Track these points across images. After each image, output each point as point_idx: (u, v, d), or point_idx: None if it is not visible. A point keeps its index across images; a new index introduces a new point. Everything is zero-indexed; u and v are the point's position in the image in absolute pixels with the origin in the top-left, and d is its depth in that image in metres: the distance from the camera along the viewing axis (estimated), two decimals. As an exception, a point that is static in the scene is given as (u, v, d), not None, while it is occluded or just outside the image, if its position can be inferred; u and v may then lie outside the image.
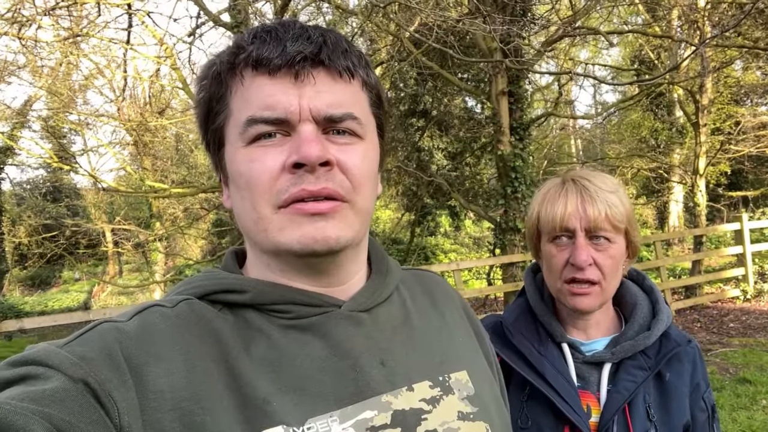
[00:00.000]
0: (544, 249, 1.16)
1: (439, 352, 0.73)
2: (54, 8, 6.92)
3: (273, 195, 0.61)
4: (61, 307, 17.14)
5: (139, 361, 0.55)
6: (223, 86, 0.65)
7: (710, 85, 10.24)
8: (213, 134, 0.68)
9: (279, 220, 0.62)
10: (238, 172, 0.64)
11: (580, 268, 1.07)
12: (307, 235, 0.62)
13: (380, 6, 5.64)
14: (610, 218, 1.07)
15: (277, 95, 0.61)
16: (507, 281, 7.70)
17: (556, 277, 1.12)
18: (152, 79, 10.01)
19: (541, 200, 1.16)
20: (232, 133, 0.65)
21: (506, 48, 5.94)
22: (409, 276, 0.83)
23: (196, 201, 13.97)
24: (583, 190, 1.10)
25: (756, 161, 14.13)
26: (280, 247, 0.63)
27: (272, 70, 0.62)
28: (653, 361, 1.10)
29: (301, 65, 0.61)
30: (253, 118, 0.62)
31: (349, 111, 0.64)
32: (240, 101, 0.63)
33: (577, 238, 1.08)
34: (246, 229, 0.67)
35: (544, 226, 1.14)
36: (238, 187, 0.64)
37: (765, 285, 8.52)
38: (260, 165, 0.62)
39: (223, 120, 0.66)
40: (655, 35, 10.59)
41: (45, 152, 9.54)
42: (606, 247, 1.08)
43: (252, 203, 0.63)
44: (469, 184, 13.26)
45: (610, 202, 1.08)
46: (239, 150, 0.63)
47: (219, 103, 0.66)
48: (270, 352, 0.62)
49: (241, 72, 0.63)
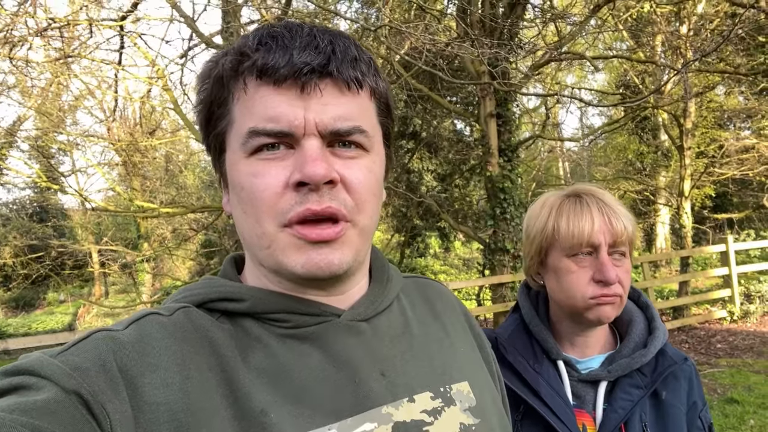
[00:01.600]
0: (558, 264, 1.12)
1: (440, 363, 0.71)
2: (46, 29, 6.94)
3: (277, 213, 0.60)
4: (45, 329, 16.82)
5: (134, 372, 0.54)
6: (225, 91, 0.63)
7: (694, 110, 10.44)
8: (214, 138, 0.66)
9: (283, 239, 0.61)
10: (239, 185, 0.62)
11: (608, 284, 1.06)
12: (311, 262, 0.61)
13: (371, 30, 5.73)
14: (629, 233, 1.08)
15: (281, 107, 0.59)
16: (497, 302, 7.70)
17: (576, 293, 1.09)
18: (143, 100, 10.02)
19: (556, 215, 1.12)
20: (234, 142, 0.63)
21: (494, 71, 6.04)
22: (411, 284, 0.82)
23: (185, 221, 13.87)
24: (604, 205, 1.09)
25: (740, 184, 14.35)
26: (283, 268, 0.62)
27: (277, 81, 0.59)
28: (649, 380, 1.09)
29: (308, 77, 0.59)
30: (256, 130, 0.60)
31: (356, 124, 0.62)
32: (242, 110, 0.61)
33: (601, 253, 1.07)
34: (248, 242, 0.65)
35: (563, 241, 1.10)
36: (240, 200, 0.63)
37: (751, 306, 8.58)
38: (263, 181, 0.60)
39: (225, 126, 0.64)
40: (639, 60, 10.81)
41: (33, 172, 9.47)
42: (623, 262, 1.09)
43: (255, 218, 0.61)
44: (459, 205, 13.33)
45: (628, 217, 1.09)
46: (241, 160, 0.62)
47: (221, 107, 0.64)
48: (268, 362, 0.61)
49: (244, 79, 0.61)
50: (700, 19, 9.95)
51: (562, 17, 7.52)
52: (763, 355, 6.78)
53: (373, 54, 9.24)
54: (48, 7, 6.90)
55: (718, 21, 10.02)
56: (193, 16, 7.10)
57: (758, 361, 6.58)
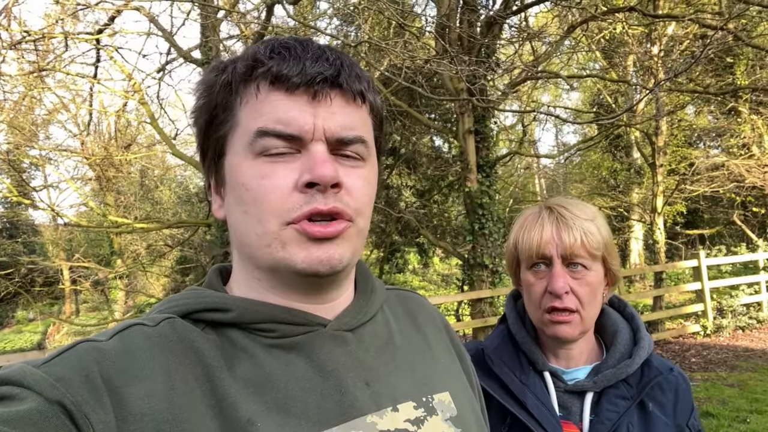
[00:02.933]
0: (523, 277, 1.16)
1: (423, 373, 0.72)
2: (20, 42, 6.83)
3: (282, 212, 0.61)
4: (14, 348, 16.32)
5: (118, 383, 0.54)
6: (233, 96, 0.64)
7: (665, 128, 10.70)
8: (214, 142, 0.66)
9: (285, 235, 0.61)
10: (244, 186, 0.62)
11: (557, 295, 1.07)
12: (313, 256, 0.62)
13: (351, 45, 5.77)
14: (586, 245, 1.08)
15: (292, 112, 0.61)
16: (475, 317, 7.71)
17: (536, 305, 1.12)
18: (119, 114, 9.90)
19: (518, 228, 1.16)
20: (238, 143, 0.63)
21: (472, 88, 6.13)
22: (393, 296, 0.83)
23: (160, 237, 13.67)
24: (560, 217, 1.10)
25: (710, 201, 14.71)
26: (283, 263, 0.62)
27: (290, 88, 0.61)
28: (635, 390, 1.09)
29: (321, 86, 0.62)
30: (265, 130, 0.61)
31: (359, 134, 0.65)
32: (251, 112, 0.63)
33: (553, 265, 1.09)
34: (244, 242, 0.65)
35: (522, 254, 1.14)
36: (242, 201, 0.63)
37: (723, 320, 8.75)
38: (271, 182, 0.61)
39: (228, 129, 0.65)
40: (612, 80, 11.09)
41: (4, 187, 9.25)
42: (583, 275, 1.09)
43: (257, 218, 0.62)
44: (437, 221, 13.39)
45: (586, 229, 1.08)
46: (245, 161, 0.62)
47: (225, 111, 0.64)
48: (254, 372, 0.61)
49: (258, 85, 0.63)
50: (670, 40, 10.27)
51: (538, 37, 7.68)
52: (736, 369, 6.90)
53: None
54: (22, 20, 6.80)
55: (688, 42, 10.35)
56: (172, 30, 7.07)
57: (731, 374, 6.69)
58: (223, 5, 7.23)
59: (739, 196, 12.80)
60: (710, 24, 6.15)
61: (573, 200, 1.17)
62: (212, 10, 6.02)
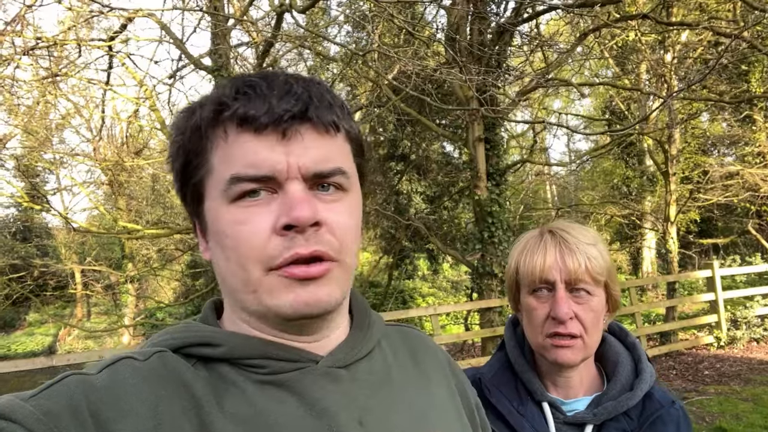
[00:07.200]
0: (524, 301, 1.13)
1: (419, 411, 0.70)
2: (33, 48, 6.91)
3: (264, 259, 0.60)
4: (25, 350, 16.48)
5: (105, 417, 0.53)
6: (204, 140, 0.63)
7: (678, 136, 10.59)
8: (192, 188, 0.65)
9: (269, 282, 0.60)
10: (223, 233, 0.62)
11: (561, 321, 1.05)
12: (300, 300, 0.60)
13: (360, 54, 5.76)
14: (590, 270, 1.05)
15: (263, 153, 0.60)
16: (484, 326, 7.66)
17: (537, 330, 1.10)
18: (130, 120, 9.99)
19: (519, 252, 1.14)
20: (214, 190, 0.62)
21: (482, 97, 6.09)
22: (393, 332, 0.81)
23: (171, 242, 13.75)
24: (563, 241, 1.08)
25: (725, 210, 14.51)
26: (271, 311, 0.62)
27: (258, 128, 0.60)
28: (636, 423, 1.07)
29: (289, 123, 0.60)
30: (238, 176, 0.60)
31: (337, 166, 0.63)
32: (222, 158, 0.61)
33: (557, 290, 1.06)
34: (231, 288, 0.64)
35: (523, 278, 1.12)
36: (223, 247, 0.62)
37: (738, 332, 8.60)
38: (248, 228, 0.60)
39: (203, 175, 0.64)
40: (624, 87, 11.00)
41: (17, 191, 9.36)
42: (586, 300, 1.07)
43: (239, 265, 0.61)
44: (447, 228, 13.36)
45: (590, 254, 1.06)
46: (222, 208, 0.62)
47: (198, 157, 0.63)
48: (244, 409, 0.59)
49: (225, 128, 0.61)
50: (684, 47, 10.16)
51: (549, 45, 7.64)
52: (750, 383, 6.78)
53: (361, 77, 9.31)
54: (37, 26, 6.89)
55: (701, 49, 10.23)
56: (182, 37, 7.12)
57: (746, 388, 6.56)
58: (234, 12, 7.27)
59: (754, 206, 12.60)
60: (724, 32, 6.06)
61: (573, 224, 1.15)
62: (222, 18, 6.05)
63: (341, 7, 10.51)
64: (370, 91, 9.68)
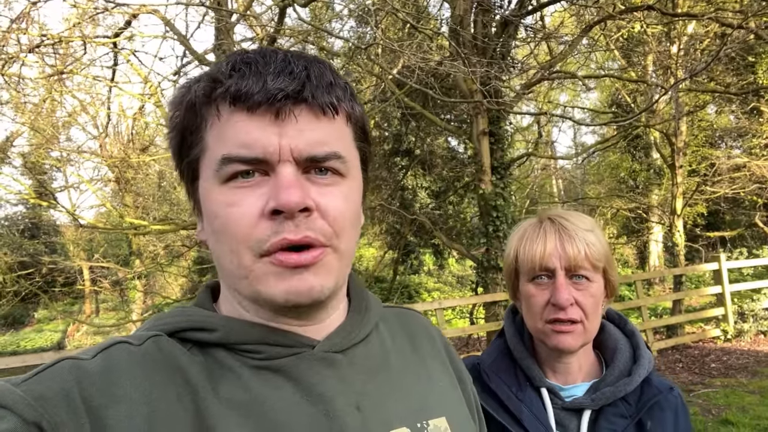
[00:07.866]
0: (523, 289, 1.14)
1: (418, 397, 0.69)
2: (39, 46, 6.95)
3: (253, 243, 0.58)
4: (34, 347, 16.60)
5: (98, 403, 0.52)
6: (198, 118, 0.61)
7: (685, 128, 10.52)
8: (188, 166, 0.64)
9: (260, 269, 0.59)
10: (213, 214, 0.60)
11: (561, 307, 1.06)
12: (291, 289, 0.59)
13: (363, 48, 5.76)
14: (589, 257, 1.06)
15: (255, 133, 0.58)
16: (490, 320, 7.65)
17: (537, 317, 1.10)
18: (136, 117, 10.02)
19: (518, 240, 1.15)
20: (207, 169, 0.61)
21: (486, 89, 6.07)
22: (391, 315, 0.80)
23: (177, 238, 13.79)
24: (562, 228, 1.09)
25: (732, 202, 14.42)
26: (262, 298, 0.61)
27: (251, 107, 0.58)
28: (634, 409, 1.07)
29: (283, 103, 0.58)
30: (229, 157, 0.58)
31: (333, 150, 0.61)
32: (216, 136, 0.60)
33: (557, 277, 1.07)
34: (225, 271, 0.63)
35: (522, 266, 1.12)
36: (214, 230, 0.61)
37: (745, 325, 8.56)
38: (238, 210, 0.58)
39: (198, 153, 0.62)
40: (630, 80, 10.93)
41: (24, 189, 9.42)
42: (586, 286, 1.07)
43: (231, 249, 0.60)
44: (452, 222, 13.34)
45: (589, 240, 1.07)
46: (214, 188, 0.60)
47: (193, 134, 0.62)
48: (239, 394, 0.59)
49: (217, 106, 0.60)
50: (690, 39, 10.08)
51: (554, 37, 7.60)
52: (757, 375, 6.75)
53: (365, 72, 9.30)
54: (42, 23, 6.92)
55: (708, 41, 10.15)
56: (187, 33, 7.13)
57: (752, 381, 6.54)
58: (238, 7, 7.27)
59: (761, 198, 12.52)
60: (730, 23, 6.01)
61: (571, 211, 1.15)
62: (226, 14, 6.06)
63: (345, 0, 10.49)
64: (374, 85, 9.66)
